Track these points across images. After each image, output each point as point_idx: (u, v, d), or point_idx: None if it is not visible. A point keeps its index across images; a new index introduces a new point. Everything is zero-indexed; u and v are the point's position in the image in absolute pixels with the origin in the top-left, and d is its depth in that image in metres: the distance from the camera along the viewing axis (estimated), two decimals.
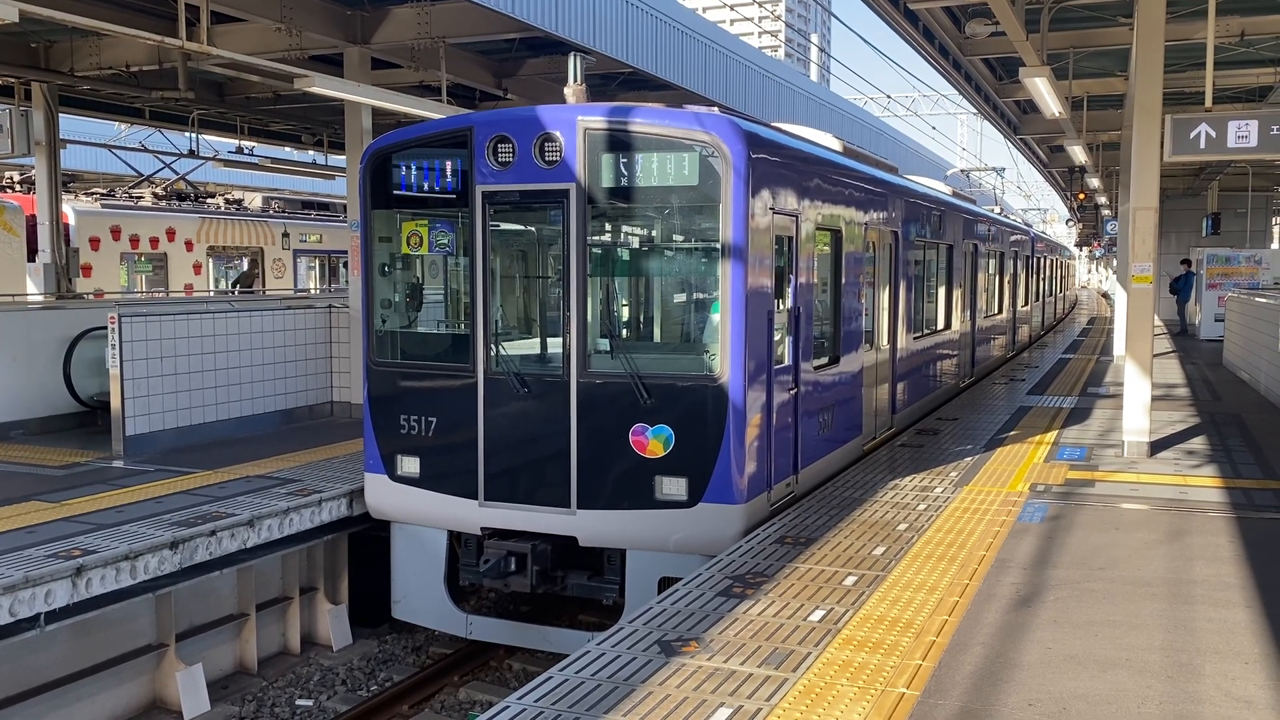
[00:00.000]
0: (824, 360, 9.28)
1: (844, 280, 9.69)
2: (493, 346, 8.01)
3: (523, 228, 8.71)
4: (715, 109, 7.88)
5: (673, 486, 7.51)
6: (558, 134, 7.68)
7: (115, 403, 10.32)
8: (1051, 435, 11.63)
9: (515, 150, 7.83)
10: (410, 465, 8.31)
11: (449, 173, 8.10)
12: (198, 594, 8.30)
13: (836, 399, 9.52)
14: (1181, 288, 27.81)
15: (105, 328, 10.55)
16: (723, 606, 5.90)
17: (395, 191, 8.38)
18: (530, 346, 8.51)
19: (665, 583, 7.47)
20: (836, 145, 10.62)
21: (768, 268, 7.76)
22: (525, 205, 8.06)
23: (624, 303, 8.72)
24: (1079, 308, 49.21)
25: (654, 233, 8.28)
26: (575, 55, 8.32)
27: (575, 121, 7.63)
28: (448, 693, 8.41)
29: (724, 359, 7.42)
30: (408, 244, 8.51)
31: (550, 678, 4.93)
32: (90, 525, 7.71)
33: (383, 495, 8.49)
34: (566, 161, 7.66)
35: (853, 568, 6.64)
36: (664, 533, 7.56)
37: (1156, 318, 11.96)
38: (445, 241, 8.39)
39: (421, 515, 8.36)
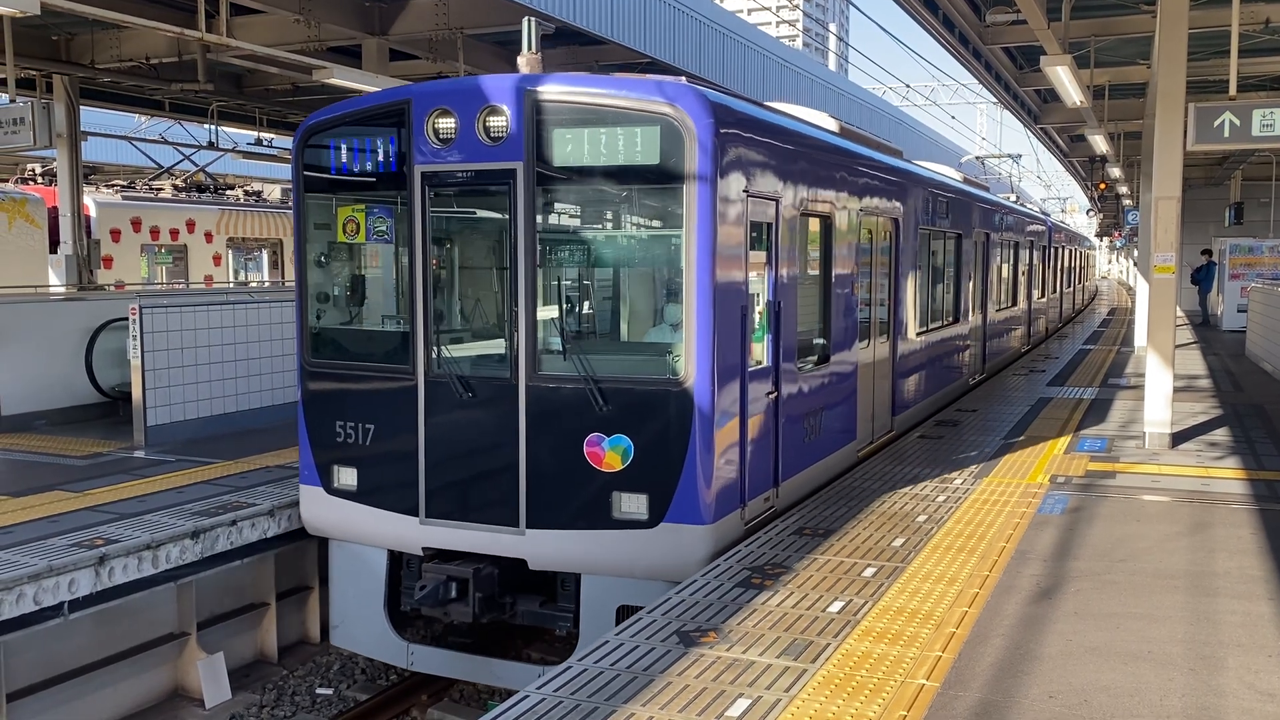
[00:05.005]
0: (811, 360, 8.52)
1: (835, 272, 8.88)
2: (434, 346, 7.25)
3: (468, 212, 7.82)
4: (682, 78, 7.03)
5: (632, 504, 6.73)
6: (503, 106, 6.88)
7: (136, 393, 10.39)
8: (1072, 427, 11.56)
9: (457, 125, 7.04)
10: (347, 477, 7.57)
11: (386, 152, 7.34)
12: (219, 583, 8.35)
13: (826, 402, 8.72)
14: (1203, 278, 27.59)
15: (126, 319, 10.62)
16: (741, 597, 5.89)
17: (329, 174, 7.63)
18: (475, 346, 7.66)
19: (625, 611, 6.73)
20: (832, 125, 9.84)
21: (740, 257, 6.99)
22: (468, 187, 7.23)
23: (578, 297, 7.83)
24: (1099, 299, 48.89)
25: (612, 218, 7.42)
26: (530, 19, 7.47)
27: (522, 92, 6.83)
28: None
29: (689, 360, 6.64)
30: (344, 232, 7.73)
31: (569, 667, 4.95)
32: (112, 515, 7.77)
33: (318, 509, 7.75)
34: (513, 137, 6.87)
35: (872, 559, 6.62)
36: (622, 555, 6.78)
37: (1178, 309, 11.83)
38: (384, 229, 7.62)
39: (359, 532, 7.61)
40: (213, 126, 21.06)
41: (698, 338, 6.62)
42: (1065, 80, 13.65)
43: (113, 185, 22.30)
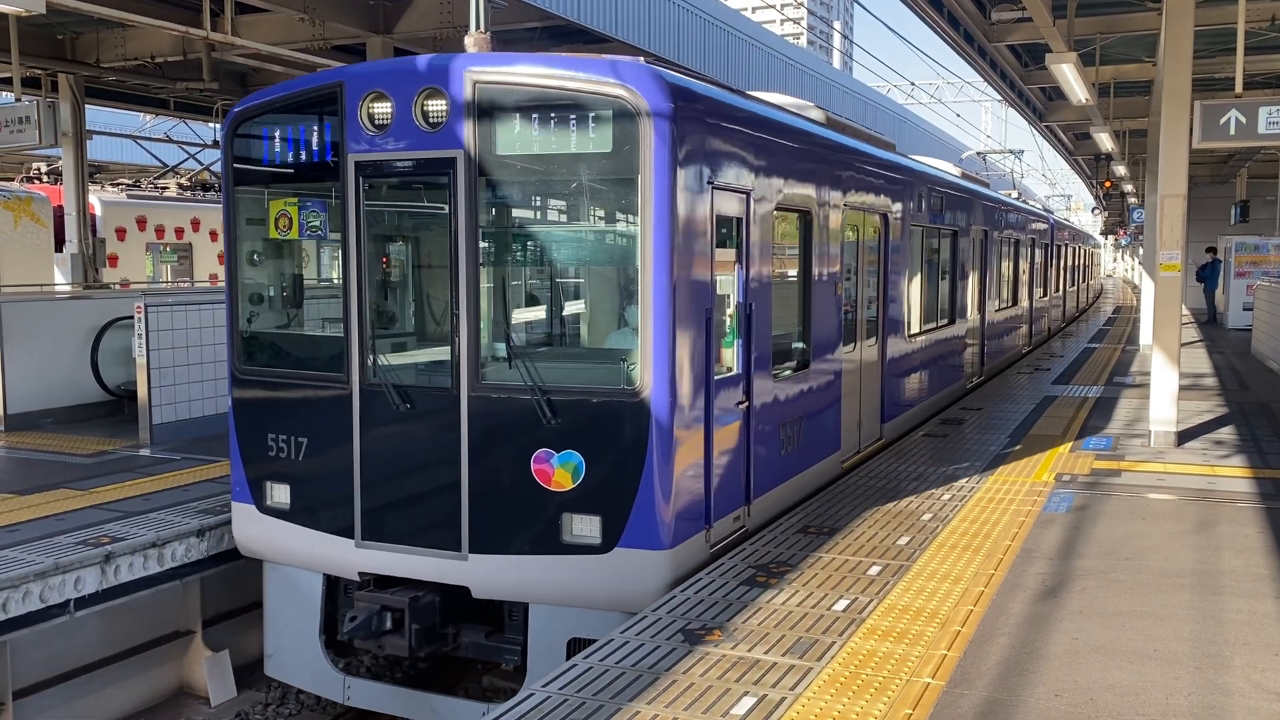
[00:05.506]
0: (788, 366, 7.95)
1: (816, 271, 8.30)
2: (370, 352, 6.65)
3: (406, 205, 7.27)
4: (641, 59, 6.40)
5: (584, 526, 6.15)
6: (443, 89, 6.31)
7: (142, 392, 10.41)
8: (1077, 425, 11.55)
9: (394, 110, 6.46)
10: (280, 494, 7.00)
11: (318, 139, 6.75)
12: (224, 581, 8.36)
13: (805, 411, 8.14)
14: (1208, 276, 27.57)
15: (131, 317, 10.64)
16: (746, 595, 5.89)
17: (260, 165, 7.05)
18: (414, 353, 7.18)
19: (577, 645, 6.19)
20: (817, 115, 9.26)
21: (704, 255, 6.40)
22: (406, 178, 6.67)
23: (525, 299, 7.27)
24: (1104, 297, 48.83)
25: (562, 211, 6.86)
26: None
27: (463, 73, 6.26)
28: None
29: (645, 368, 6.03)
30: (276, 227, 7.13)
31: (574, 665, 4.95)
32: (118, 513, 7.79)
33: (250, 529, 7.17)
34: (453, 123, 6.30)
35: (877, 557, 6.62)
36: (573, 583, 6.21)
37: (1183, 307, 11.80)
38: (317, 223, 7.01)
39: (293, 554, 7.03)
40: (217, 125, 21.09)
41: (655, 343, 6.02)
42: (1070, 78, 13.64)
43: (118, 184, 22.36)
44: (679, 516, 6.21)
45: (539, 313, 7.40)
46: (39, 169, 22.21)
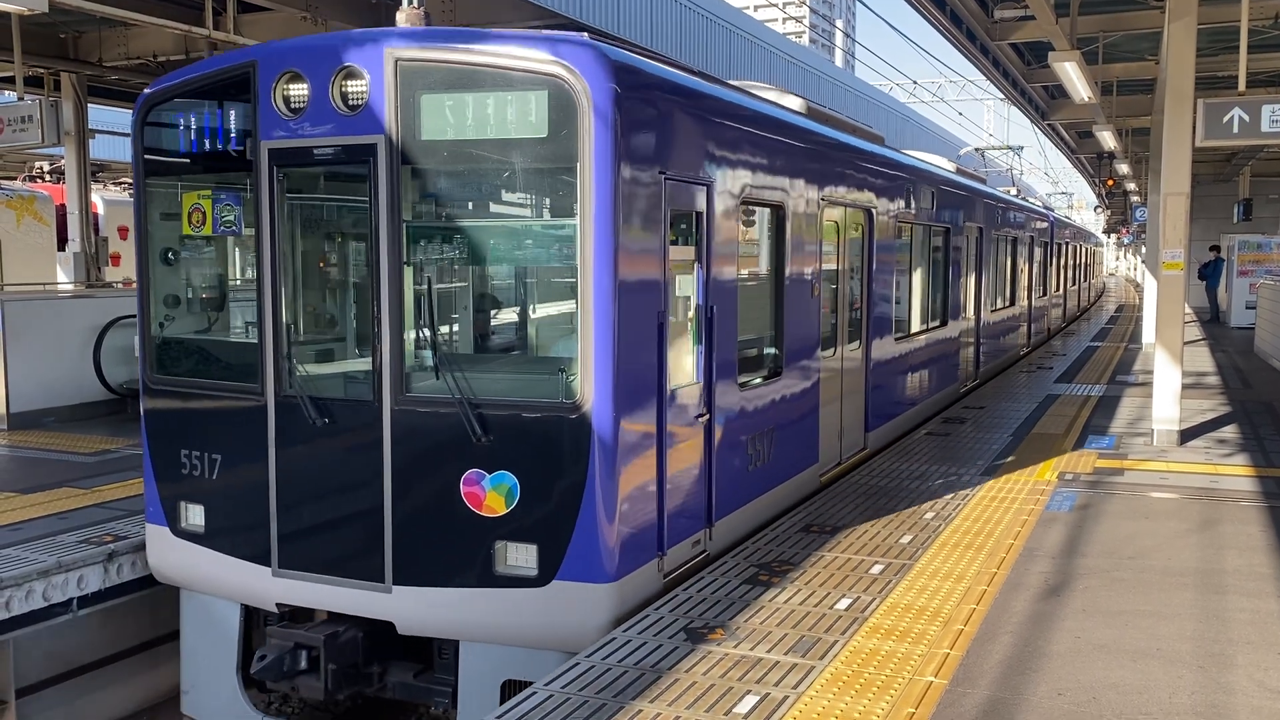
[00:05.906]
0: (758, 373, 7.43)
1: (790, 271, 7.75)
2: (286, 360, 6.08)
3: (324, 198, 6.67)
4: (584, 34, 5.78)
5: (518, 556, 5.58)
6: (362, 69, 5.75)
7: None
8: (1080, 423, 11.54)
9: (309, 92, 5.90)
10: (195, 516, 6.46)
11: (230, 126, 6.20)
12: None
13: (777, 422, 7.59)
14: (1210, 274, 27.56)
15: (134, 316, 10.64)
16: (748, 594, 5.89)
17: (172, 154, 6.55)
18: (335, 362, 6.59)
19: (512, 687, 5.67)
20: (796, 104, 8.73)
21: (654, 254, 5.84)
22: (323, 167, 6.10)
23: (454, 301, 6.71)
24: (1106, 295, 48.79)
25: (494, 204, 6.27)
26: None
27: (384, 50, 5.71)
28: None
29: (586, 379, 5.46)
30: (190, 222, 6.54)
31: (577, 663, 4.95)
32: (121, 511, 7.79)
33: (165, 553, 6.63)
34: (373, 106, 5.75)
35: (879, 556, 6.61)
36: (506, 619, 5.65)
37: (1186, 305, 11.79)
38: (232, 218, 6.41)
39: (209, 582, 6.47)
40: None
41: (597, 351, 5.45)
42: (1073, 76, 13.63)
43: (120, 183, 22.38)
44: (625, 544, 5.64)
45: (470, 317, 6.78)
46: (41, 168, 22.25)
